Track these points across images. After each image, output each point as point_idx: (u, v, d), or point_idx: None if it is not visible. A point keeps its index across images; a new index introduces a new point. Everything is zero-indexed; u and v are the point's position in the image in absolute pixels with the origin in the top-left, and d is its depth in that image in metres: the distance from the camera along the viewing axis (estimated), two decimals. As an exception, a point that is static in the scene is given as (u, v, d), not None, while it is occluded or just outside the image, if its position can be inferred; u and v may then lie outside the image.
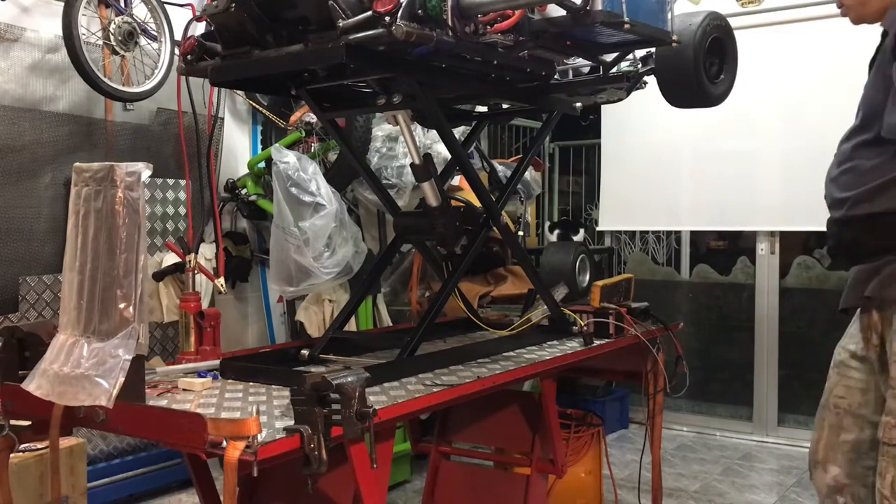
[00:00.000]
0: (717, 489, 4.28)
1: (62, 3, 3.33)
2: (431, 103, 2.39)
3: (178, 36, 3.73)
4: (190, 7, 3.78)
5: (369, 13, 1.91)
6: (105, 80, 3.48)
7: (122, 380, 1.68)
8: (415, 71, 2.23)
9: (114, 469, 3.82)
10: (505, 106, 3.06)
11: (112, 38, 3.55)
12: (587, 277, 3.38)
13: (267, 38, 2.14)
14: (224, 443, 1.50)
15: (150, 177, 1.80)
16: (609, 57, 2.66)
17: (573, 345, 2.72)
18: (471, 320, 3.03)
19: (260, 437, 1.50)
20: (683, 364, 2.95)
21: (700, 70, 2.60)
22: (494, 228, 2.71)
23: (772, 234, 5.12)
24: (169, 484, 4.02)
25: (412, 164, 2.50)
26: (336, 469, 1.64)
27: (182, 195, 4.16)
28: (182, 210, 4.18)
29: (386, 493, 1.93)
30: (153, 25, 3.71)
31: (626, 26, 2.16)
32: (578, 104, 2.98)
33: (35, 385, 1.77)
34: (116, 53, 3.63)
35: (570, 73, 2.80)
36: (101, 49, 3.64)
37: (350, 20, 1.93)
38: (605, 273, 5.72)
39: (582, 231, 5.43)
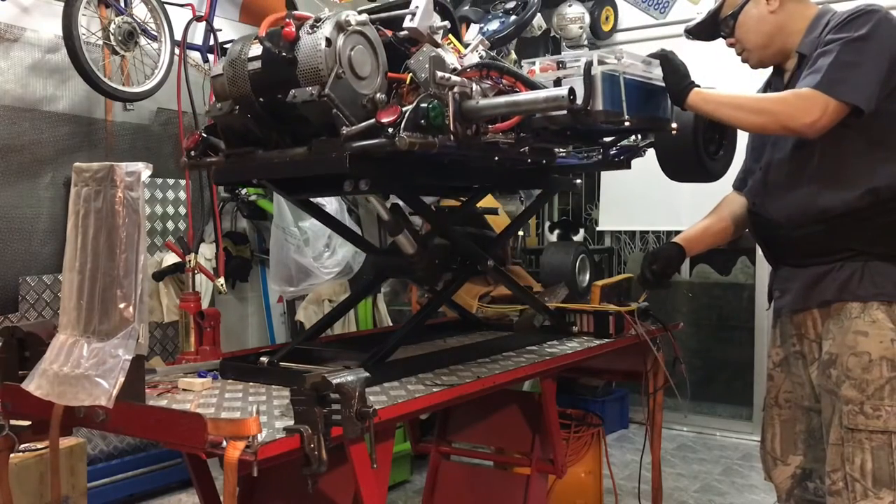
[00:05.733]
0: (717, 489, 4.28)
1: (62, 3, 3.34)
2: (404, 192, 2.30)
3: (178, 36, 3.76)
4: (190, 7, 3.78)
5: (372, 121, 1.88)
6: (105, 80, 3.49)
7: (122, 380, 1.68)
8: (416, 167, 2.18)
9: (114, 469, 3.82)
10: None
11: (112, 38, 3.55)
12: (587, 277, 3.37)
13: (271, 137, 2.11)
14: (224, 443, 1.50)
15: (150, 177, 1.80)
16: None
17: (573, 345, 2.72)
18: (470, 320, 3.04)
19: (260, 437, 1.50)
20: (683, 367, 2.93)
21: (700, 149, 2.57)
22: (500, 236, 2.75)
23: (772, 233, 5.11)
24: (169, 484, 4.03)
25: (381, 221, 2.41)
26: (336, 469, 1.64)
27: (182, 195, 4.16)
28: (182, 210, 4.18)
29: (386, 493, 1.93)
30: (153, 25, 3.71)
31: (627, 123, 2.12)
32: (578, 181, 2.94)
33: (35, 385, 1.77)
34: (116, 53, 3.63)
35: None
36: (101, 49, 3.64)
37: (353, 128, 1.89)
38: (605, 273, 5.73)
39: (582, 231, 5.42)
